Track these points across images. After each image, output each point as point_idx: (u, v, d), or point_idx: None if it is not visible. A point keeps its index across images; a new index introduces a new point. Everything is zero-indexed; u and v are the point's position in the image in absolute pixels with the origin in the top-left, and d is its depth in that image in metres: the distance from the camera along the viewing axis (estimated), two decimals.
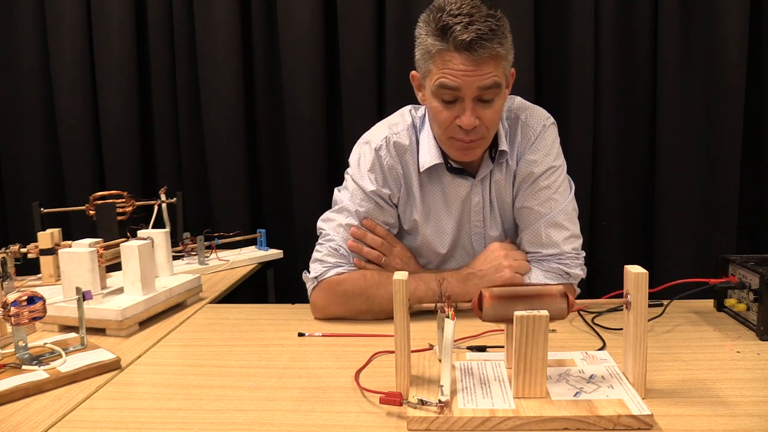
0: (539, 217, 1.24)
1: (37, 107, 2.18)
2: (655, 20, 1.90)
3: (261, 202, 2.18)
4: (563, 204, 1.25)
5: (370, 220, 1.27)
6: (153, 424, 0.82)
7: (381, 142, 1.28)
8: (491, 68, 1.11)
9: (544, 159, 1.25)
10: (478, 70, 1.10)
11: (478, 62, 1.10)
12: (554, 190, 1.25)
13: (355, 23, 1.98)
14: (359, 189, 1.27)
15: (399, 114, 1.34)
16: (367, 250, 1.26)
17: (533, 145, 1.25)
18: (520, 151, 1.26)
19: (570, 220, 1.25)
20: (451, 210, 1.29)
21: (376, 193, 1.27)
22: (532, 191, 1.25)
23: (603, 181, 1.98)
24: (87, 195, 1.78)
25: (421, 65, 1.18)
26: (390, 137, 1.28)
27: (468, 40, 1.08)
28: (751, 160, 1.93)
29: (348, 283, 1.22)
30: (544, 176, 1.25)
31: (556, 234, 1.23)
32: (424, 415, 0.77)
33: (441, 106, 1.16)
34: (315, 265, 1.26)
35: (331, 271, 1.23)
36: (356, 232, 1.26)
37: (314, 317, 1.25)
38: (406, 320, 0.83)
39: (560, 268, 1.22)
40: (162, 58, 2.12)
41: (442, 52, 1.11)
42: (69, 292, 1.20)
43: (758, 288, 1.06)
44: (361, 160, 1.29)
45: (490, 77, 1.11)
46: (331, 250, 1.25)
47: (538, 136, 1.26)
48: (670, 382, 0.89)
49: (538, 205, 1.24)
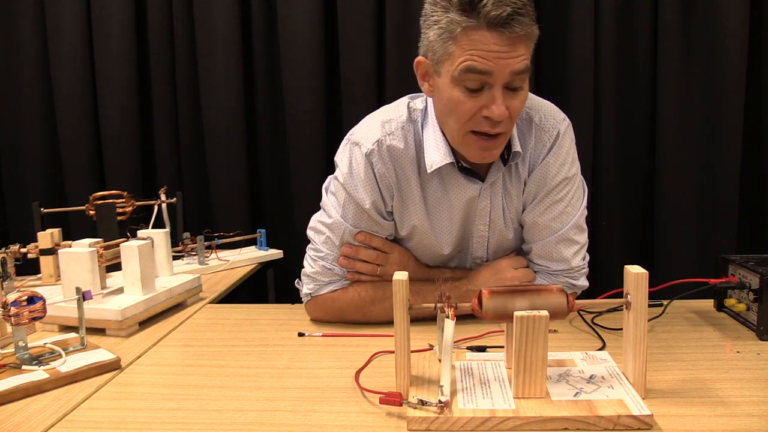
0: (551, 233, 1.18)
1: (37, 107, 2.18)
2: (655, 20, 1.90)
3: (261, 202, 2.18)
4: (575, 217, 1.18)
5: (364, 234, 1.18)
6: (153, 424, 0.82)
7: (372, 147, 1.14)
8: (524, 50, 0.98)
9: (559, 170, 1.16)
10: (512, 52, 0.96)
11: (513, 41, 0.96)
12: (567, 203, 1.17)
13: (355, 23, 1.98)
14: (351, 201, 1.16)
15: (394, 107, 1.20)
16: (360, 265, 1.19)
17: (549, 155, 1.15)
18: (533, 158, 1.16)
19: (580, 232, 1.19)
20: (453, 211, 1.19)
21: (373, 206, 1.16)
22: (545, 205, 1.17)
23: (603, 181, 1.98)
24: (87, 195, 1.78)
25: (436, 48, 1.01)
26: (383, 140, 1.14)
27: (504, 15, 0.93)
28: (751, 160, 1.93)
29: (342, 301, 1.19)
30: (558, 189, 1.16)
31: (567, 250, 1.18)
32: (424, 415, 0.77)
33: (464, 95, 1.01)
34: (307, 281, 1.21)
35: (324, 289, 1.20)
36: (347, 251, 1.18)
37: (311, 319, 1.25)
38: (406, 320, 0.83)
39: (567, 281, 1.20)
40: (162, 58, 2.12)
41: (469, 30, 0.96)
42: (69, 292, 1.20)
43: (758, 288, 1.06)
44: (352, 167, 1.16)
45: (523, 60, 0.98)
46: (324, 269, 1.19)
47: (554, 143, 1.15)
48: (670, 382, 0.89)
49: (550, 221, 1.17)
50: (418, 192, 1.17)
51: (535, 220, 1.18)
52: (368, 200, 1.16)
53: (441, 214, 1.20)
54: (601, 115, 1.95)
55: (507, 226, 1.21)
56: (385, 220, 1.19)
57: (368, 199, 1.16)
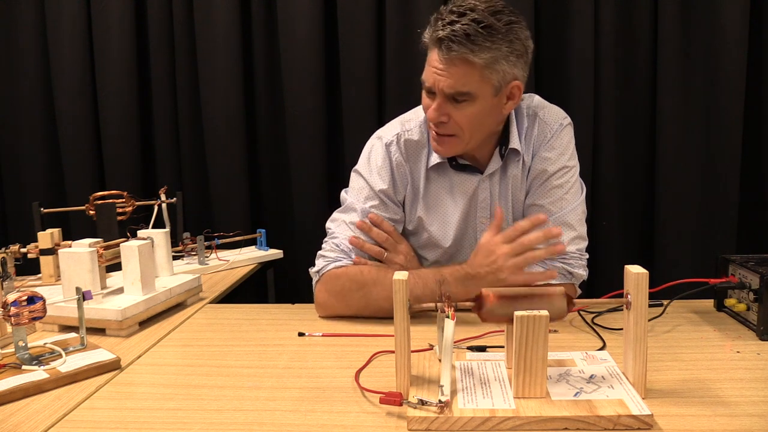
0: (549, 216, 1.22)
1: (37, 107, 2.18)
2: (655, 20, 1.90)
3: (261, 202, 2.18)
4: (573, 205, 1.25)
5: (376, 215, 1.28)
6: (153, 424, 0.82)
7: (392, 138, 1.29)
8: (459, 72, 1.11)
9: (558, 158, 1.25)
10: (446, 71, 1.11)
11: (447, 62, 1.11)
12: (566, 191, 1.25)
13: (355, 23, 1.98)
14: (367, 185, 1.28)
15: (414, 110, 1.34)
16: (369, 246, 1.27)
17: (549, 143, 1.26)
18: (536, 147, 1.26)
19: (578, 221, 1.25)
20: (457, 203, 1.29)
21: (384, 192, 1.28)
22: (544, 189, 1.25)
23: (603, 181, 1.98)
24: (87, 195, 1.78)
25: None
26: (401, 134, 1.29)
27: (437, 37, 1.10)
28: (751, 159, 1.93)
29: (345, 277, 1.21)
30: (557, 175, 1.25)
31: (564, 234, 1.22)
32: (424, 415, 0.77)
33: (426, 96, 1.19)
34: (318, 261, 1.28)
35: (331, 265, 1.24)
36: (362, 224, 1.27)
37: (318, 315, 1.25)
38: (406, 320, 0.83)
39: (564, 268, 1.22)
40: (162, 58, 2.12)
41: (430, 44, 1.15)
42: (69, 292, 1.20)
43: (758, 288, 1.06)
44: (371, 156, 1.30)
45: (457, 83, 1.11)
46: (333, 246, 1.27)
47: (555, 134, 1.26)
48: (670, 382, 0.89)
49: (549, 204, 1.25)
50: (424, 185, 1.29)
51: (534, 202, 1.27)
52: (382, 185, 1.28)
53: (443, 204, 1.30)
54: (601, 116, 1.95)
55: (514, 216, 1.29)
56: (396, 206, 1.30)
57: (382, 183, 1.28)
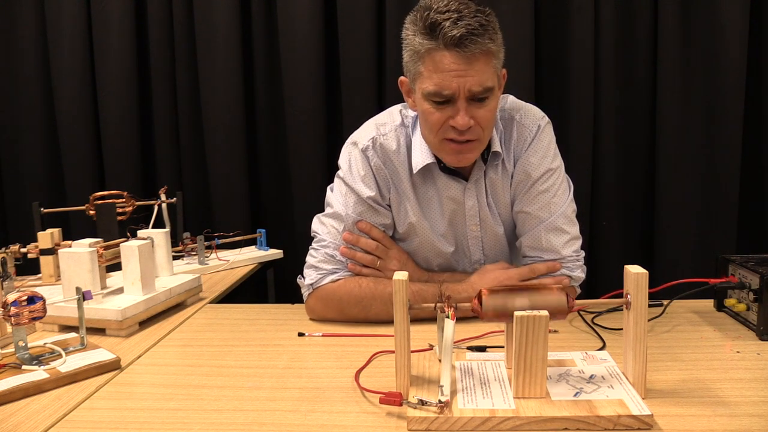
0: (539, 222, 1.22)
1: (37, 107, 2.18)
2: (655, 20, 1.90)
3: (261, 202, 2.18)
4: (562, 207, 1.23)
5: (365, 223, 1.24)
6: (153, 424, 0.82)
7: (368, 143, 1.24)
8: (482, 65, 1.07)
9: (541, 161, 1.22)
10: (469, 69, 1.06)
11: (469, 60, 1.06)
12: (553, 194, 1.23)
13: (355, 23, 1.98)
14: (352, 192, 1.24)
15: (388, 113, 1.29)
16: (360, 255, 1.23)
17: (530, 147, 1.23)
18: (517, 153, 1.24)
19: (569, 223, 1.23)
20: (444, 210, 1.26)
21: (373, 199, 1.24)
22: (531, 195, 1.23)
23: (603, 181, 1.98)
24: (87, 195, 1.78)
25: (410, 68, 1.13)
26: (377, 138, 1.24)
27: (458, 35, 1.04)
28: (751, 159, 1.93)
29: (343, 291, 1.20)
30: (542, 179, 1.22)
31: (556, 239, 1.22)
32: (424, 415, 0.77)
33: (432, 107, 1.11)
34: (310, 272, 1.24)
35: (326, 279, 1.22)
36: (348, 237, 1.23)
37: (310, 319, 1.25)
38: (406, 320, 0.83)
39: (562, 272, 1.22)
40: (162, 58, 2.12)
41: (432, 51, 1.07)
42: (69, 292, 1.20)
43: (758, 288, 1.06)
44: (351, 163, 1.25)
45: (483, 78, 1.07)
46: (327, 257, 1.23)
47: (534, 137, 1.23)
48: (670, 382, 0.89)
49: (537, 210, 1.22)
50: (410, 191, 1.26)
51: (522, 209, 1.25)
52: (367, 191, 1.24)
53: (433, 211, 1.27)
54: (601, 115, 1.95)
55: (496, 221, 1.27)
56: (386, 209, 1.27)
57: (367, 190, 1.24)
